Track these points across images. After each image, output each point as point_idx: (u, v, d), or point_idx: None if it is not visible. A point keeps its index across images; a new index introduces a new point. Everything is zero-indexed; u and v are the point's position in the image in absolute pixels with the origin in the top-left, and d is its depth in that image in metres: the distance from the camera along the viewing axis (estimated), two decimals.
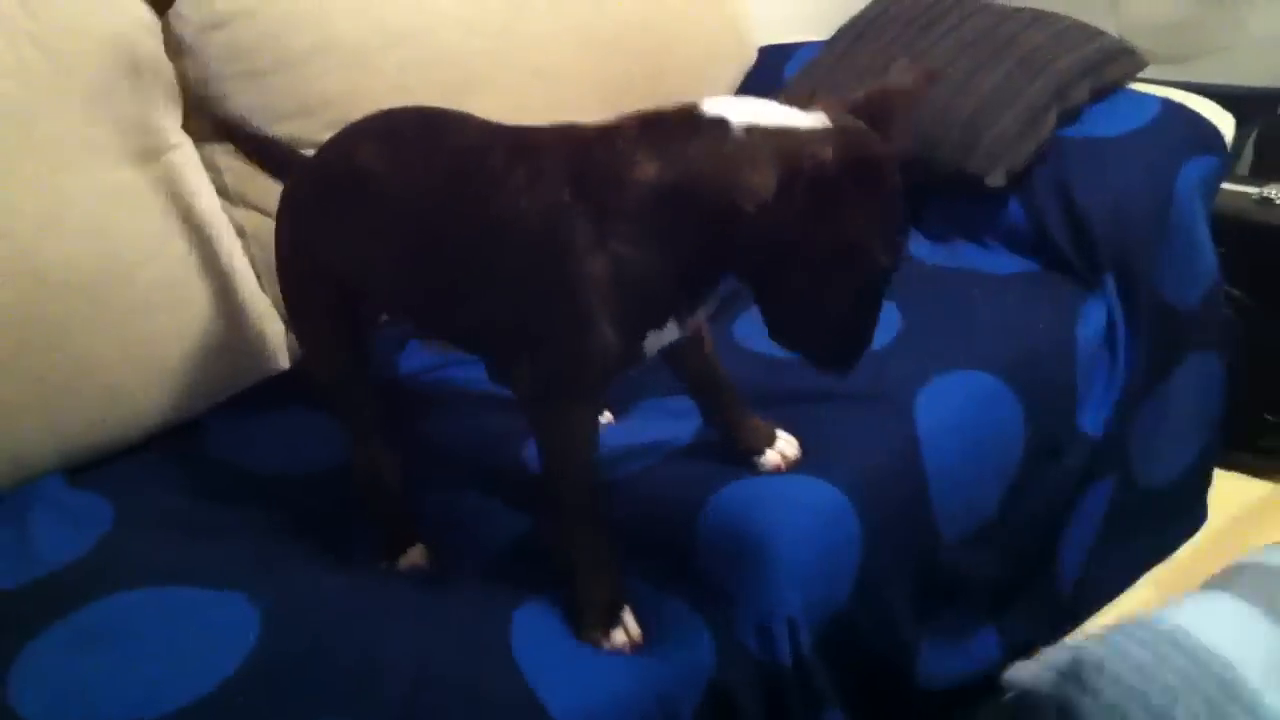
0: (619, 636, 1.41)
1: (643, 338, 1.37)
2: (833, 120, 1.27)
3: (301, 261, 1.56)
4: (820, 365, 1.38)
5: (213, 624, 1.37)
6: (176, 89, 1.84)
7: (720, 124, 1.28)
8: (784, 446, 1.59)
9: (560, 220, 1.29)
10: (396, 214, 1.42)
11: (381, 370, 1.87)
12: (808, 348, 1.37)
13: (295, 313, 1.63)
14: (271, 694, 1.27)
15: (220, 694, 1.27)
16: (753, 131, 1.26)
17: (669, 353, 1.48)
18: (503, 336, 1.40)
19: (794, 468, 1.59)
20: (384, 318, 1.72)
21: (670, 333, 1.39)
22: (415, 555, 1.55)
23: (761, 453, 1.58)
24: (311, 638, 1.34)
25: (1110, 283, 2.07)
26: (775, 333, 1.36)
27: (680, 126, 1.29)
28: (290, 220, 1.57)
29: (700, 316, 1.44)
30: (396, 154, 1.44)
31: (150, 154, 1.78)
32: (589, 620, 1.41)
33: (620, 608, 1.43)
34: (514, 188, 1.32)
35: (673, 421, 1.68)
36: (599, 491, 1.44)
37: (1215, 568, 1.65)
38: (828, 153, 1.23)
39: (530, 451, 1.66)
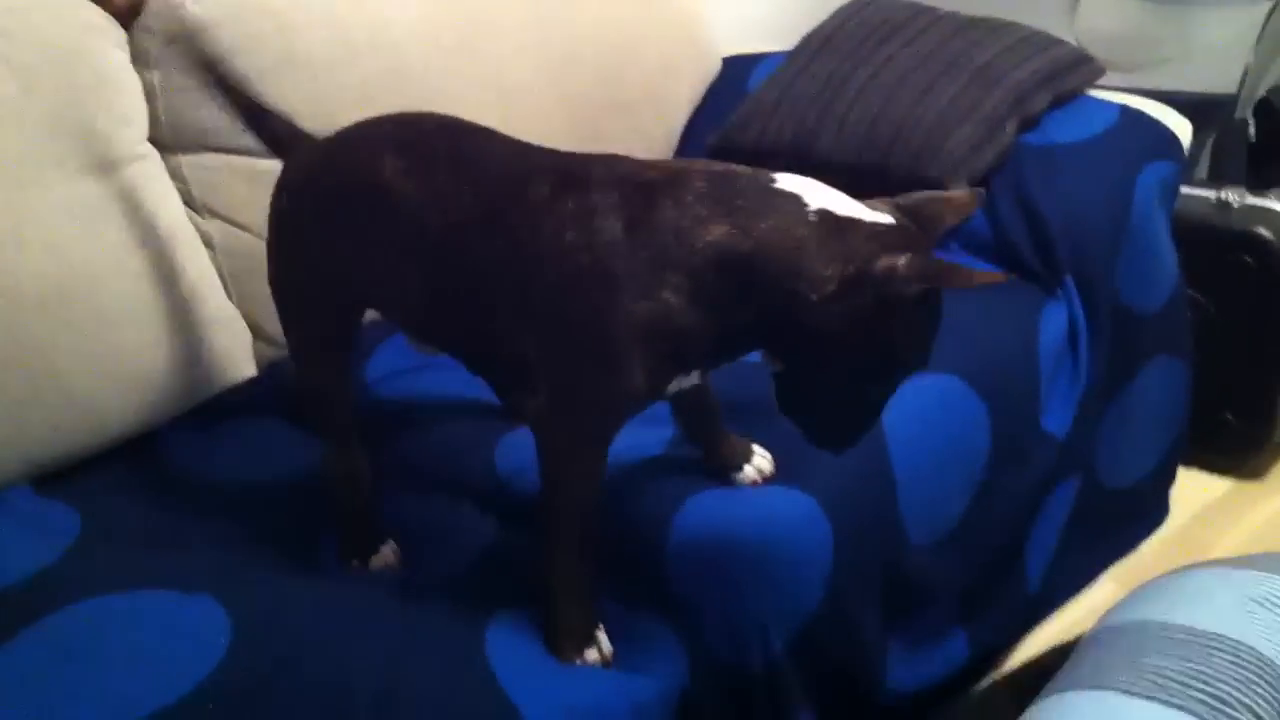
0: (592, 654, 1.42)
1: (670, 381, 1.36)
2: (895, 220, 1.28)
3: (302, 262, 1.53)
4: (820, 443, 1.39)
5: (183, 628, 1.36)
6: (142, 101, 1.84)
7: (795, 201, 1.27)
8: (760, 462, 1.60)
9: (613, 259, 1.26)
10: (426, 238, 1.39)
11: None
12: (815, 427, 1.38)
13: (287, 311, 1.59)
14: (242, 704, 1.26)
15: (190, 700, 1.26)
16: (825, 218, 1.25)
17: None
18: (524, 366, 1.38)
19: (770, 482, 1.60)
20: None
21: (692, 380, 1.39)
22: (387, 555, 1.55)
23: (739, 469, 1.59)
24: (283, 646, 1.34)
25: (1071, 286, 2.09)
26: (785, 406, 1.37)
27: (753, 194, 1.28)
28: (293, 218, 1.53)
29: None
30: (427, 174, 1.40)
31: (114, 165, 1.78)
32: (564, 642, 1.42)
33: (594, 628, 1.44)
34: (561, 220, 1.29)
35: (645, 429, 1.68)
36: (595, 527, 1.44)
37: (1175, 564, 1.69)
38: (900, 263, 1.22)
39: (500, 455, 1.68)
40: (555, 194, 1.31)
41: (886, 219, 1.27)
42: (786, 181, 1.29)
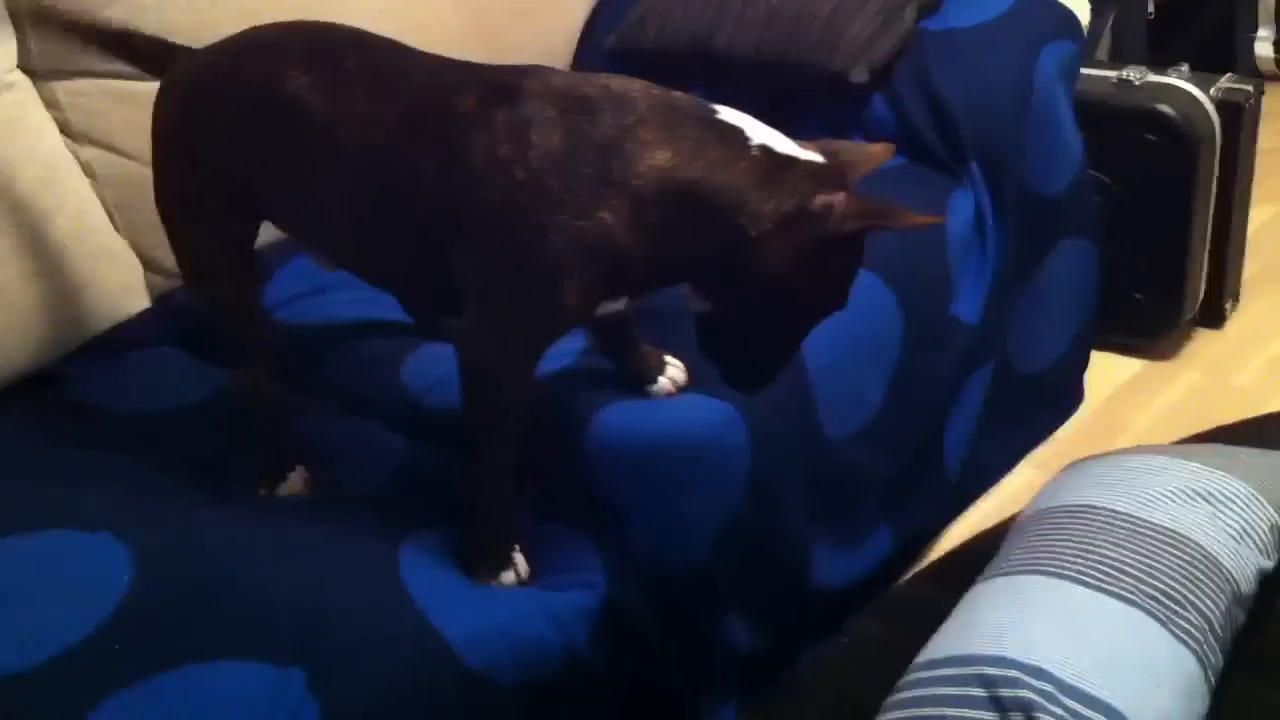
0: (509, 576, 1.41)
1: (599, 304, 1.35)
2: (827, 159, 1.28)
3: (193, 175, 1.47)
4: (738, 383, 1.40)
5: (84, 567, 1.32)
6: (9, 26, 1.75)
7: (738, 135, 1.26)
8: (674, 373, 1.59)
9: (551, 174, 1.24)
10: (342, 157, 1.34)
11: None
12: (734, 367, 1.38)
13: (179, 226, 1.53)
14: (150, 636, 1.23)
15: (96, 639, 1.23)
16: (766, 153, 1.25)
17: None
18: (448, 285, 1.34)
19: (684, 391, 1.59)
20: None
21: (618, 305, 1.38)
22: (296, 481, 1.52)
23: (654, 380, 1.58)
24: (190, 576, 1.31)
25: (976, 172, 2.09)
26: (706, 345, 1.38)
27: (697, 123, 1.26)
28: (182, 129, 1.47)
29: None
30: (339, 91, 1.35)
31: None
32: (479, 562, 1.40)
33: (511, 548, 1.42)
34: (494, 133, 1.25)
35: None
36: (517, 442, 1.42)
37: (1093, 447, 1.70)
38: (837, 200, 1.23)
39: (408, 372, 1.65)
40: (485, 107, 1.27)
41: (819, 157, 1.27)
42: (728, 114, 1.28)
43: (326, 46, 1.40)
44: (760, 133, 1.27)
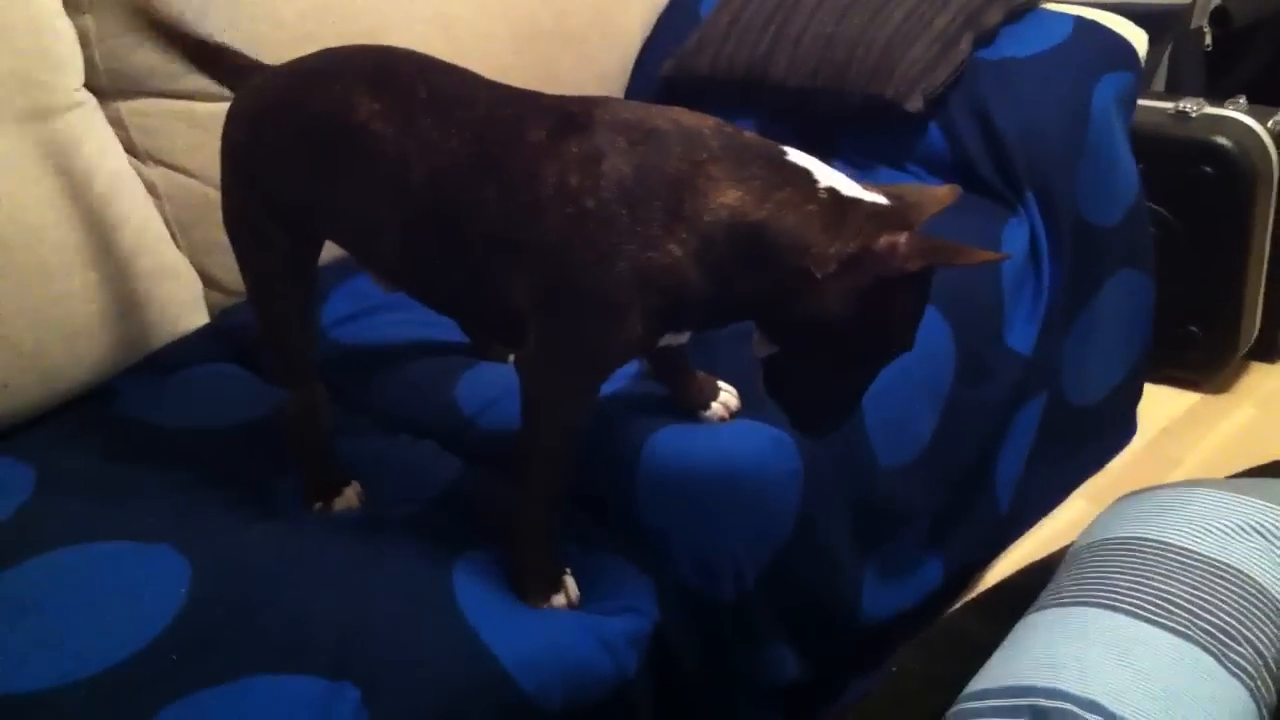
0: (559, 599, 1.41)
1: (662, 336, 1.35)
2: (891, 201, 1.27)
3: (261, 193, 1.48)
4: (805, 428, 1.39)
5: (141, 579, 1.34)
6: (77, 47, 1.78)
7: (806, 177, 1.26)
8: (727, 398, 1.59)
9: (620, 204, 1.24)
10: (409, 184, 1.34)
11: None
12: (797, 410, 1.37)
13: (244, 244, 1.53)
14: (207, 648, 1.24)
15: (151, 651, 1.24)
16: (833, 195, 1.25)
17: None
18: (511, 313, 1.34)
19: (736, 417, 1.59)
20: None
21: (680, 339, 1.38)
22: (350, 496, 1.53)
23: (707, 407, 1.58)
24: (244, 589, 1.32)
25: (1031, 202, 2.08)
26: (773, 390, 1.37)
27: (765, 163, 1.27)
28: (252, 149, 1.48)
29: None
30: (408, 119, 1.35)
31: (50, 113, 1.73)
32: (530, 585, 1.40)
33: (561, 572, 1.42)
34: (564, 164, 1.26)
35: None
36: (572, 475, 1.42)
37: (1146, 481, 1.68)
38: (901, 241, 1.22)
39: (461, 393, 1.66)
40: (555, 137, 1.27)
41: (883, 200, 1.26)
42: (796, 156, 1.29)
43: (396, 73, 1.40)
44: (827, 176, 1.27)
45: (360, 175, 1.37)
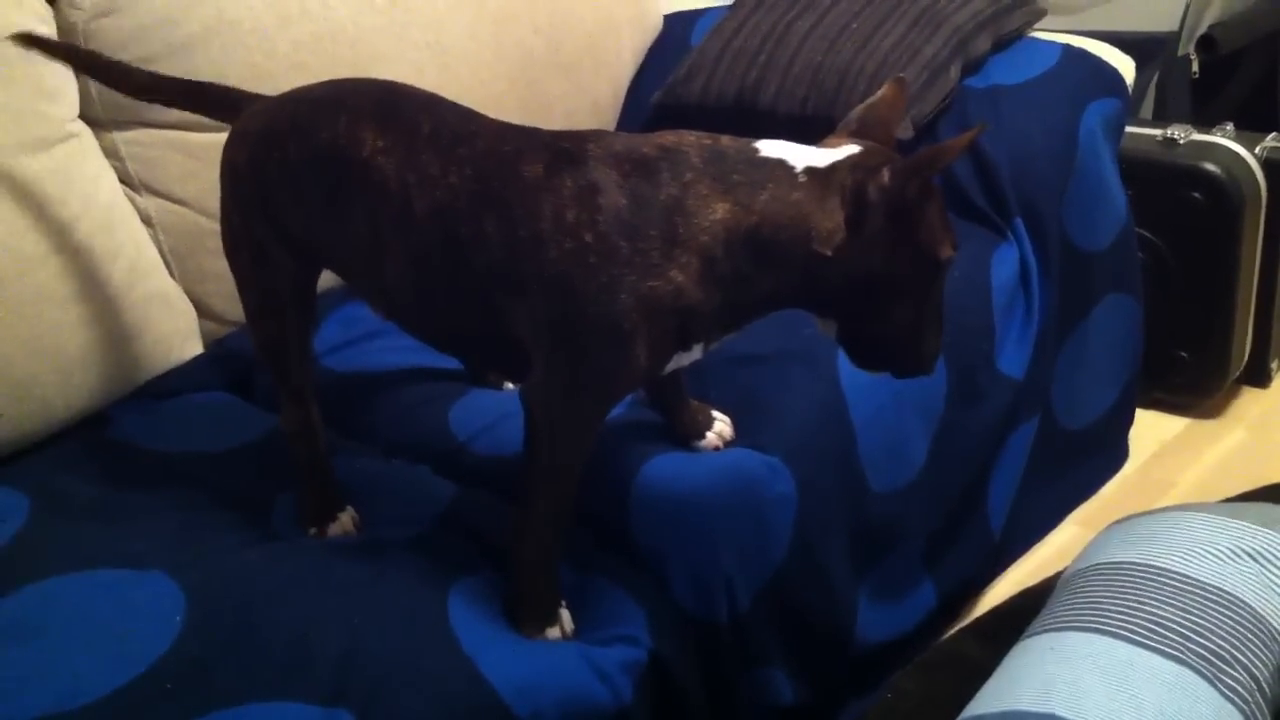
0: (554, 632, 1.42)
1: (670, 358, 1.36)
2: (860, 145, 1.30)
3: (261, 219, 1.48)
4: (906, 374, 1.40)
5: (137, 606, 1.34)
6: (72, 77, 1.79)
7: (782, 167, 1.28)
8: (721, 428, 1.60)
9: (619, 237, 1.26)
10: (410, 219, 1.35)
11: None
12: (899, 365, 1.39)
13: (244, 268, 1.54)
14: (203, 675, 1.25)
15: (148, 678, 1.24)
16: (812, 174, 1.28)
17: None
18: (512, 346, 1.36)
19: (730, 446, 1.60)
20: None
21: (695, 354, 1.38)
22: (346, 522, 1.53)
23: (701, 436, 1.59)
24: (238, 615, 1.32)
25: (1021, 227, 2.09)
26: (862, 361, 1.39)
27: (745, 165, 1.29)
28: (253, 174, 1.48)
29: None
30: (411, 153, 1.36)
31: (45, 144, 1.73)
32: (526, 616, 1.41)
33: (557, 603, 1.43)
34: (561, 199, 1.27)
35: None
36: (573, 505, 1.43)
37: (1138, 505, 1.69)
38: (885, 175, 1.25)
39: (455, 419, 1.66)
40: (551, 172, 1.29)
41: (855, 148, 1.29)
42: (768, 148, 1.30)
43: (401, 108, 1.41)
44: (801, 157, 1.29)
45: (362, 207, 1.38)
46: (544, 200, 1.28)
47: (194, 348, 1.89)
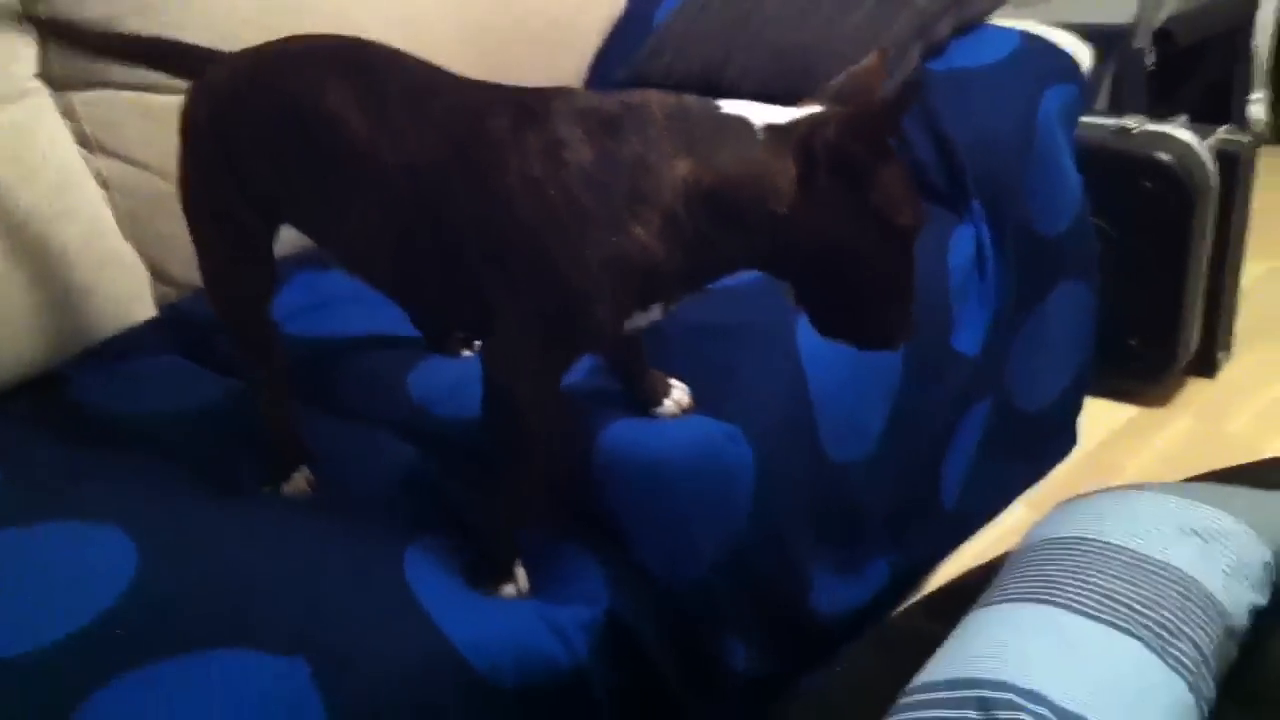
0: (509, 589, 1.41)
1: (630, 317, 1.35)
2: (825, 107, 1.29)
3: (222, 176, 1.47)
4: (867, 346, 1.36)
5: (89, 557, 1.33)
6: (31, 34, 1.77)
7: (744, 125, 1.27)
8: (679, 395, 1.60)
9: (583, 193, 1.25)
10: (380, 175, 1.34)
11: None
12: (859, 335, 1.35)
13: (203, 226, 1.52)
14: (153, 625, 1.24)
15: (100, 625, 1.23)
16: (772, 131, 1.26)
17: None
18: (477, 304, 1.35)
19: (689, 414, 1.60)
20: None
21: (654, 314, 1.37)
22: (300, 480, 1.52)
23: (659, 403, 1.58)
24: (195, 567, 1.31)
25: (978, 209, 2.11)
26: (823, 327, 1.35)
27: (707, 122, 1.28)
28: (214, 131, 1.46)
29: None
30: (379, 109, 1.35)
31: (1, 101, 1.72)
32: (481, 573, 1.40)
33: (513, 562, 1.43)
34: (526, 155, 1.26)
35: None
36: (541, 465, 1.43)
37: (1085, 489, 1.70)
38: (830, 129, 1.23)
39: (413, 384, 1.66)
40: (516, 128, 1.28)
41: (817, 107, 1.29)
42: (730, 106, 1.29)
43: (368, 63, 1.41)
44: (762, 115, 1.28)
45: (328, 162, 1.37)
46: (510, 156, 1.27)
47: (147, 310, 1.88)
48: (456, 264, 1.33)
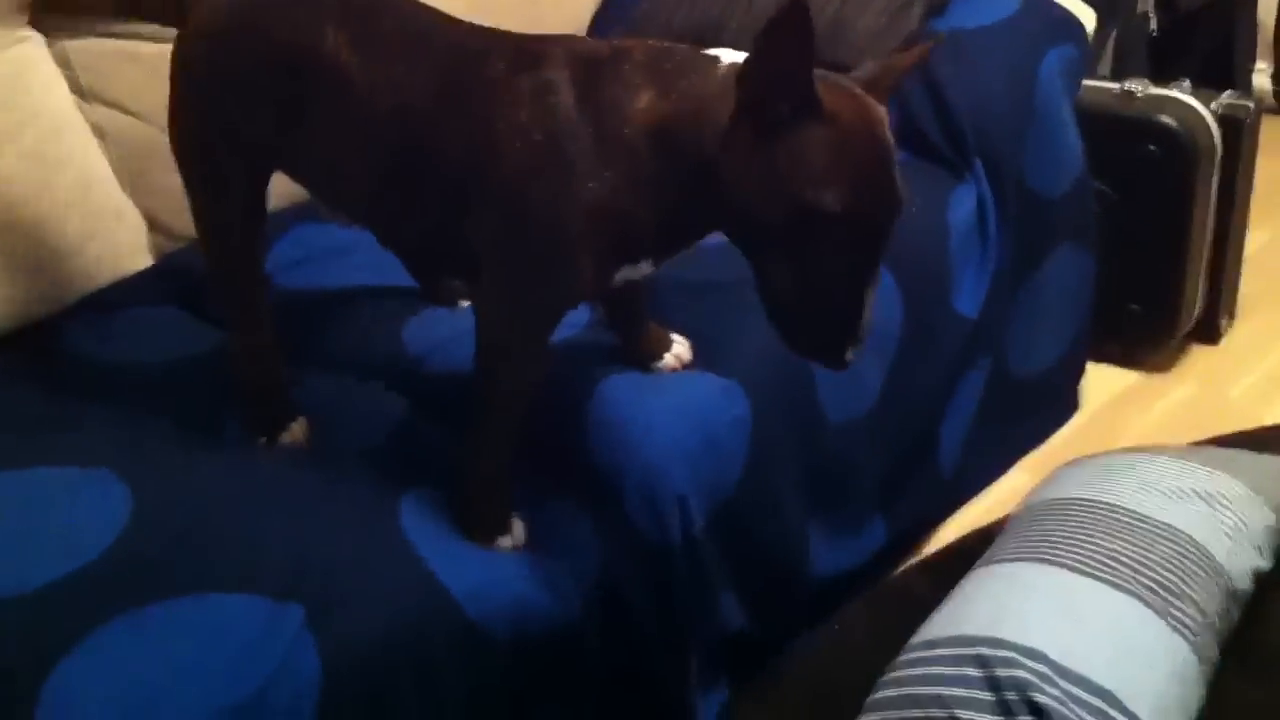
0: (505, 542, 1.41)
1: (616, 271, 1.32)
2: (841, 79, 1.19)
3: (214, 119, 1.45)
4: (801, 350, 1.21)
5: (83, 502, 1.32)
6: None
7: (712, 62, 1.22)
8: (680, 350, 1.59)
9: (564, 137, 1.22)
10: (375, 117, 1.33)
11: None
12: (783, 332, 1.21)
13: (194, 170, 1.50)
14: (148, 567, 1.24)
15: (94, 568, 1.23)
16: (734, 68, 1.18)
17: None
18: (467, 250, 1.33)
19: (688, 369, 1.59)
20: None
21: (643, 269, 1.34)
22: (296, 431, 1.51)
23: (659, 358, 1.58)
24: (189, 512, 1.31)
25: (979, 169, 2.10)
26: (768, 310, 1.22)
27: (681, 61, 1.23)
28: (207, 73, 1.45)
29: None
30: (375, 51, 1.33)
31: None
32: (477, 526, 1.40)
33: (508, 514, 1.42)
34: (517, 98, 1.24)
35: None
36: (524, 416, 1.41)
37: (1085, 454, 1.70)
38: (745, 63, 1.14)
39: (409, 336, 1.65)
40: (511, 71, 1.27)
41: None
42: (715, 50, 1.25)
43: (363, 5, 1.39)
44: (735, 56, 1.22)
45: (325, 105, 1.36)
46: (501, 99, 1.26)
47: (143, 261, 1.87)
48: (447, 207, 1.32)
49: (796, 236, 1.14)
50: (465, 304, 1.72)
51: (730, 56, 1.23)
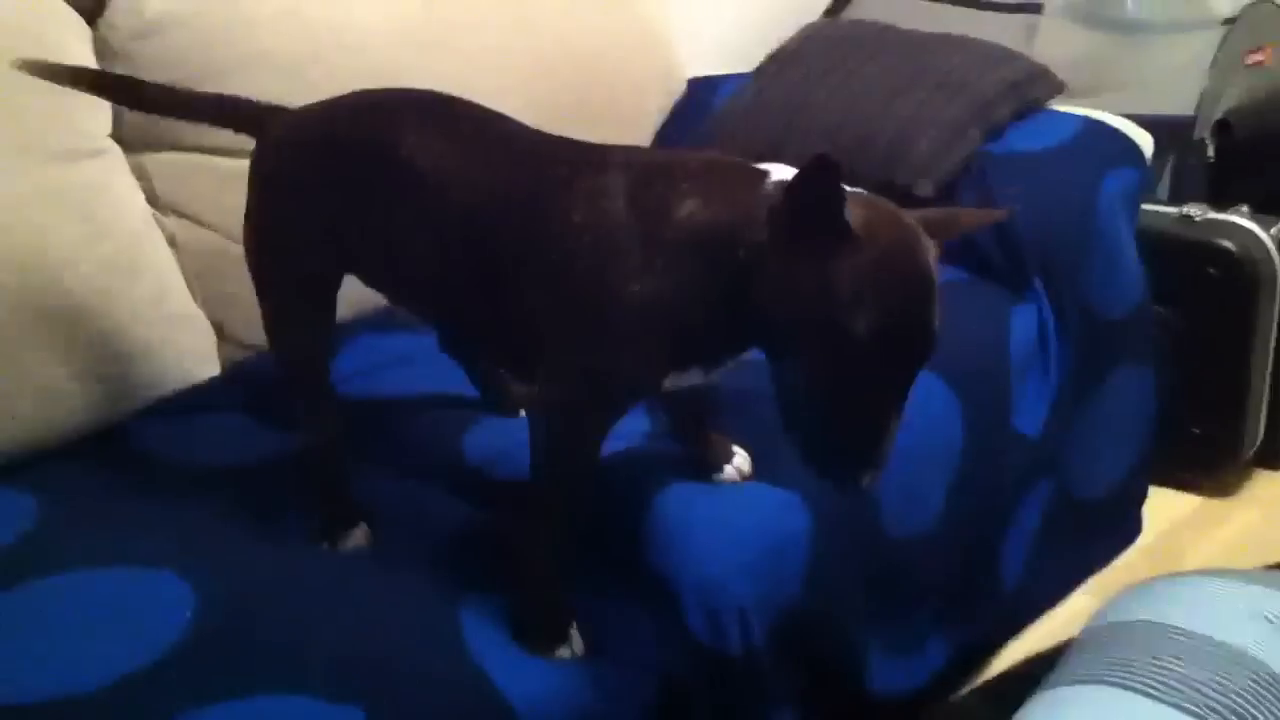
0: (564, 651, 1.39)
1: (665, 376, 1.33)
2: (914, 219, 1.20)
3: (291, 225, 1.49)
4: (816, 469, 1.21)
5: (146, 602, 1.33)
6: None
7: (761, 176, 1.24)
8: (740, 462, 1.59)
9: (612, 239, 1.26)
10: (448, 215, 1.36)
11: None
12: (804, 444, 1.21)
13: (268, 275, 1.53)
14: (210, 668, 1.23)
15: (156, 668, 1.23)
16: (780, 184, 1.20)
17: None
18: (529, 346, 1.35)
19: (749, 480, 1.59)
20: None
21: (691, 377, 1.36)
22: (359, 536, 1.52)
23: (720, 469, 1.58)
24: (251, 614, 1.31)
25: (1039, 288, 2.10)
26: (786, 423, 1.22)
27: (730, 173, 1.27)
28: (284, 180, 1.49)
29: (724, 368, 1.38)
30: (452, 153, 1.37)
31: (77, 156, 1.75)
32: (535, 635, 1.39)
33: (568, 623, 1.41)
34: (572, 200, 1.28)
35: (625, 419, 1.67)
36: (580, 516, 1.41)
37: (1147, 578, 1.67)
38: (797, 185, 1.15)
39: (469, 444, 1.66)
40: (571, 176, 1.30)
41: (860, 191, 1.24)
42: (769, 165, 1.27)
43: (442, 109, 1.44)
44: (786, 173, 1.23)
45: (399, 207, 1.40)
46: (559, 201, 1.29)
47: (211, 369, 1.89)
48: (514, 309, 1.35)
49: (824, 356, 1.15)
50: (525, 413, 1.73)
51: (780, 172, 1.25)
